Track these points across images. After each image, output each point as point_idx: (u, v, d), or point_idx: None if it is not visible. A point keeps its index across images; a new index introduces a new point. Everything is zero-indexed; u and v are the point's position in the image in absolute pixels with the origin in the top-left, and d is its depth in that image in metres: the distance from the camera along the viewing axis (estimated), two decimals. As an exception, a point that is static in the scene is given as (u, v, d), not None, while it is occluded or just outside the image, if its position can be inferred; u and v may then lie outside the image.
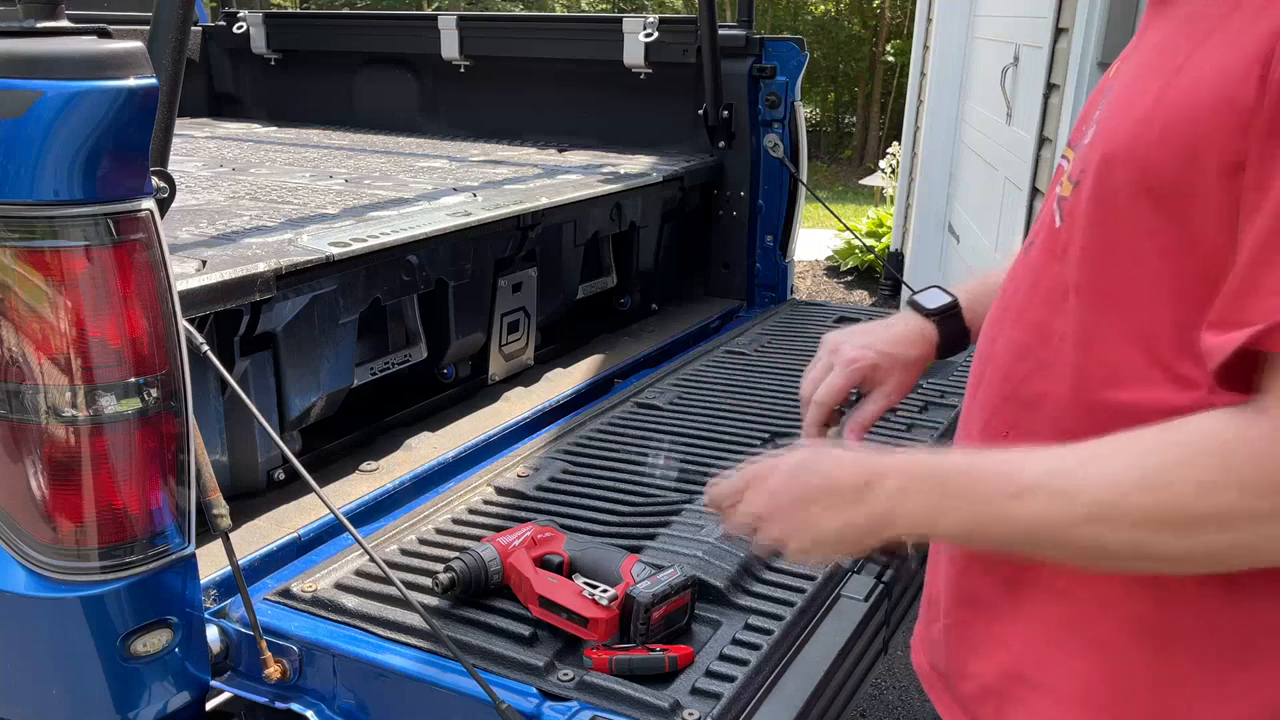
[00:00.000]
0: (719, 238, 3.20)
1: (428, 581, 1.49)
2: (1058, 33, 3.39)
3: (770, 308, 3.13)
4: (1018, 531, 0.82)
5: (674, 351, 2.77)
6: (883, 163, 8.55)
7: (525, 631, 1.40)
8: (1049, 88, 3.46)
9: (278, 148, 3.21)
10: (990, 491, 0.83)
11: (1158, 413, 0.78)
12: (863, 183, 10.55)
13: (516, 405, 2.29)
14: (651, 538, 1.65)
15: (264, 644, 1.39)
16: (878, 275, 7.07)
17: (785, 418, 2.17)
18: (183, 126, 3.46)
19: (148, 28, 1.37)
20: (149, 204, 1.25)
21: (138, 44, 1.22)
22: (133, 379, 1.26)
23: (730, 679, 1.33)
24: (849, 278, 7.37)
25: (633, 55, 3.20)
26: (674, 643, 1.38)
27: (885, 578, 1.58)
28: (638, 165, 2.95)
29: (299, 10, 13.35)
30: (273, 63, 3.91)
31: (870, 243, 7.27)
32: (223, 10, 3.93)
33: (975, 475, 0.85)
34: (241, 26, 3.85)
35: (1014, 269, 1.02)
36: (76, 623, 1.29)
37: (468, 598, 1.47)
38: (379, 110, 3.79)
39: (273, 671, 1.40)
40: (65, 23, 1.22)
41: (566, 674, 1.32)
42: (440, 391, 2.43)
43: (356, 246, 1.88)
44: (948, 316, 1.22)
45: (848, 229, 5.00)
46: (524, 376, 2.54)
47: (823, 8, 15.87)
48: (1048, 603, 0.92)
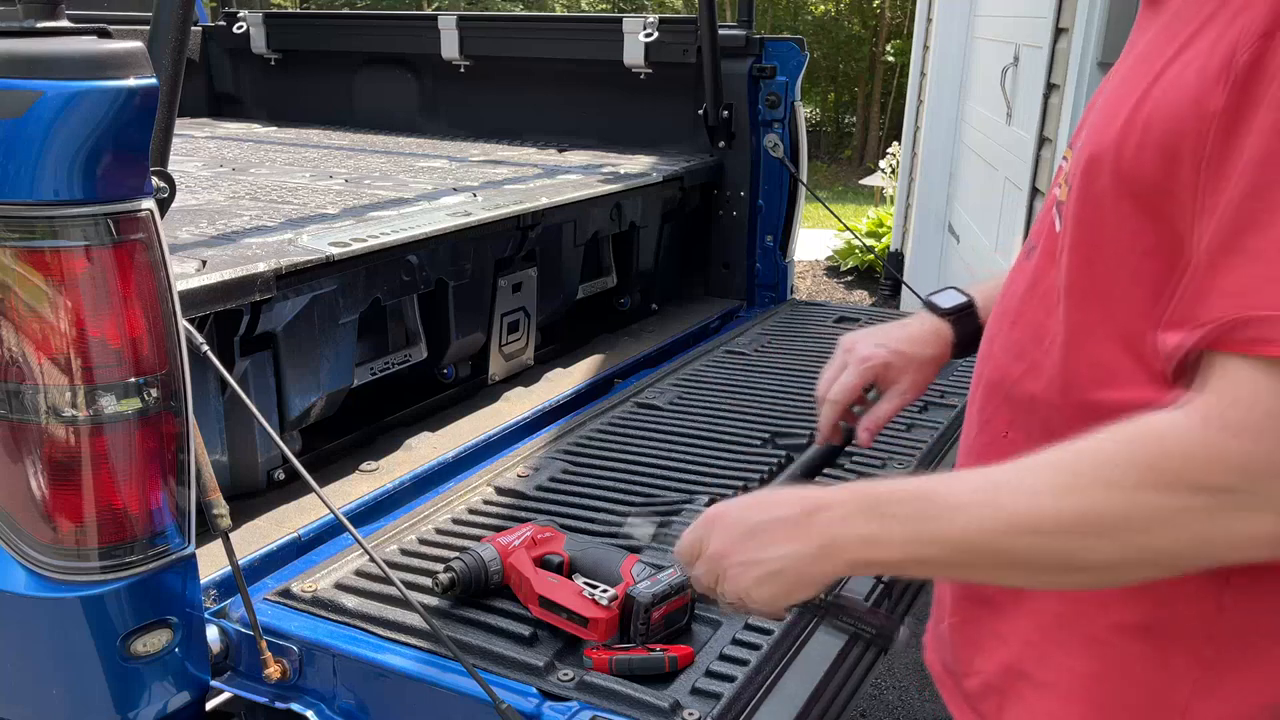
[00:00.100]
0: (719, 238, 3.19)
1: (428, 581, 1.49)
2: (1058, 33, 3.38)
3: (770, 308, 3.13)
4: (955, 552, 0.81)
5: (674, 351, 2.77)
6: (883, 163, 8.55)
7: (525, 631, 1.40)
8: (1049, 88, 3.45)
9: (278, 148, 3.21)
10: (926, 511, 0.82)
11: (1144, 412, 0.78)
12: (863, 183, 10.55)
13: (516, 405, 2.29)
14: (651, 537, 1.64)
15: (264, 644, 1.39)
16: (878, 275, 7.07)
17: (785, 418, 2.17)
18: (183, 126, 3.46)
19: (148, 28, 1.37)
20: (149, 204, 1.25)
21: (138, 44, 1.22)
22: (133, 379, 1.26)
23: (730, 679, 1.33)
24: (849, 278, 7.37)
25: (633, 55, 3.20)
26: (674, 643, 1.38)
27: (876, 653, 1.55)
28: (638, 165, 2.95)
29: (299, 10, 13.35)
30: (273, 63, 3.91)
31: (870, 243, 7.27)
32: (223, 10, 3.93)
33: (911, 496, 0.84)
34: (241, 26, 3.85)
35: (1014, 270, 1.03)
36: (76, 623, 1.29)
37: (468, 598, 1.47)
38: (379, 110, 3.79)
39: (273, 671, 1.40)
40: (65, 23, 1.22)
41: (566, 674, 1.32)
42: (440, 391, 2.43)
43: (356, 246, 1.88)
44: (963, 316, 1.22)
45: (848, 229, 5.01)
46: (524, 376, 2.54)
47: (823, 8, 15.87)
48: (1048, 601, 0.92)
